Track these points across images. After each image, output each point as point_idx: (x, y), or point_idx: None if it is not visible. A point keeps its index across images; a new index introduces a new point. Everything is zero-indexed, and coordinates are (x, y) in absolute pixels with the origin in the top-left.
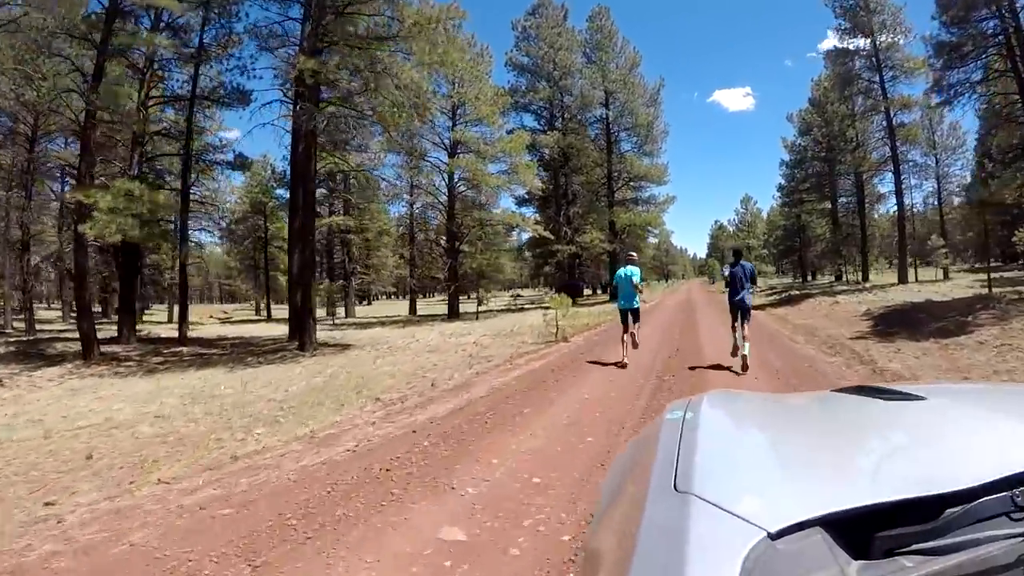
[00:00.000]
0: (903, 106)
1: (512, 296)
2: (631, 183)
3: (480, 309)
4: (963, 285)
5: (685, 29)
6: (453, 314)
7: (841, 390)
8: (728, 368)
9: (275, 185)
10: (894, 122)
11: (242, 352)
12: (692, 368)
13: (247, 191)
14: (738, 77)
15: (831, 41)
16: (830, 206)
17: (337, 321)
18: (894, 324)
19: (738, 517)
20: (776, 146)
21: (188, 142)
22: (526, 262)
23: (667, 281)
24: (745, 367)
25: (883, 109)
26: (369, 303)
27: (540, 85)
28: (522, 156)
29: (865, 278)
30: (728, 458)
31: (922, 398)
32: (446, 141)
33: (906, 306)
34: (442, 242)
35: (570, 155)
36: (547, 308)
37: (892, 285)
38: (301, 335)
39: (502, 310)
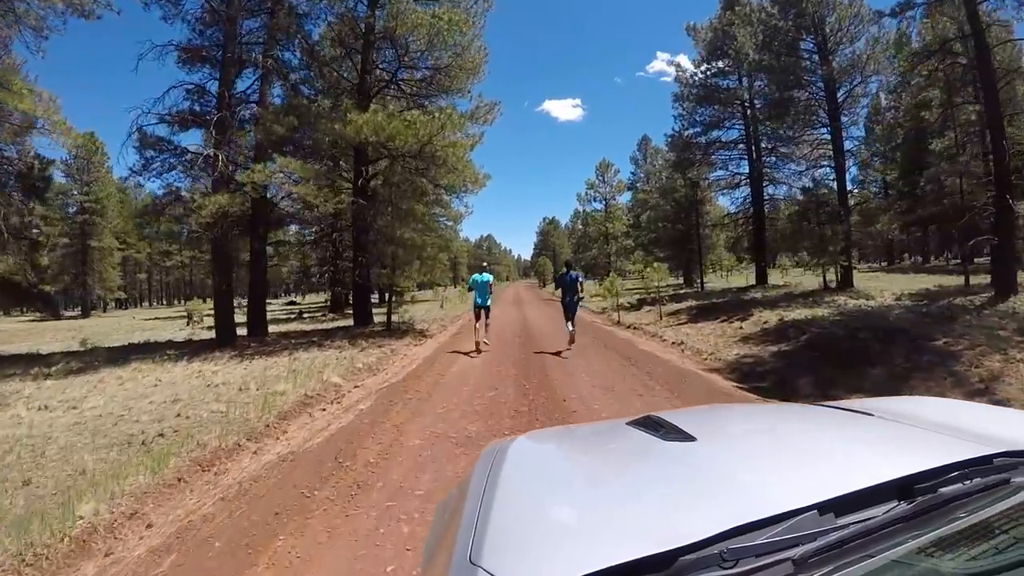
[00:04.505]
0: None
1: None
2: (406, 64)
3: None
4: None
5: (517, 37)
6: None
7: (632, 422)
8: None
9: None
10: None
11: None
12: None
13: None
14: (568, 89)
15: (659, 64)
16: (748, 166)
17: None
18: None
19: None
20: (601, 157)
21: None
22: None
23: None
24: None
25: None
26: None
27: None
28: None
29: (847, 283)
30: (517, 522)
31: (693, 439)
32: None
33: None
34: None
35: None
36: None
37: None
38: None
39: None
